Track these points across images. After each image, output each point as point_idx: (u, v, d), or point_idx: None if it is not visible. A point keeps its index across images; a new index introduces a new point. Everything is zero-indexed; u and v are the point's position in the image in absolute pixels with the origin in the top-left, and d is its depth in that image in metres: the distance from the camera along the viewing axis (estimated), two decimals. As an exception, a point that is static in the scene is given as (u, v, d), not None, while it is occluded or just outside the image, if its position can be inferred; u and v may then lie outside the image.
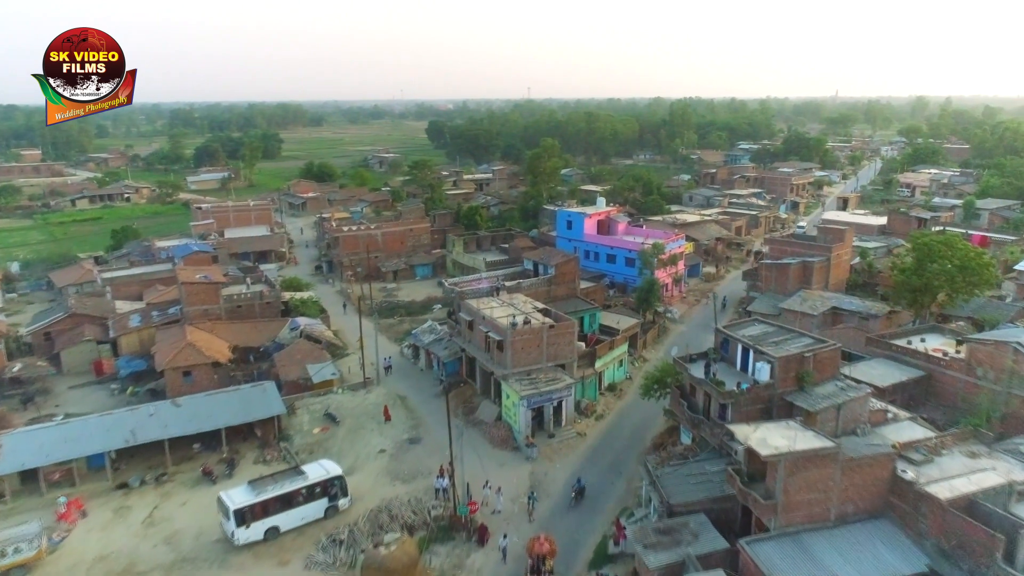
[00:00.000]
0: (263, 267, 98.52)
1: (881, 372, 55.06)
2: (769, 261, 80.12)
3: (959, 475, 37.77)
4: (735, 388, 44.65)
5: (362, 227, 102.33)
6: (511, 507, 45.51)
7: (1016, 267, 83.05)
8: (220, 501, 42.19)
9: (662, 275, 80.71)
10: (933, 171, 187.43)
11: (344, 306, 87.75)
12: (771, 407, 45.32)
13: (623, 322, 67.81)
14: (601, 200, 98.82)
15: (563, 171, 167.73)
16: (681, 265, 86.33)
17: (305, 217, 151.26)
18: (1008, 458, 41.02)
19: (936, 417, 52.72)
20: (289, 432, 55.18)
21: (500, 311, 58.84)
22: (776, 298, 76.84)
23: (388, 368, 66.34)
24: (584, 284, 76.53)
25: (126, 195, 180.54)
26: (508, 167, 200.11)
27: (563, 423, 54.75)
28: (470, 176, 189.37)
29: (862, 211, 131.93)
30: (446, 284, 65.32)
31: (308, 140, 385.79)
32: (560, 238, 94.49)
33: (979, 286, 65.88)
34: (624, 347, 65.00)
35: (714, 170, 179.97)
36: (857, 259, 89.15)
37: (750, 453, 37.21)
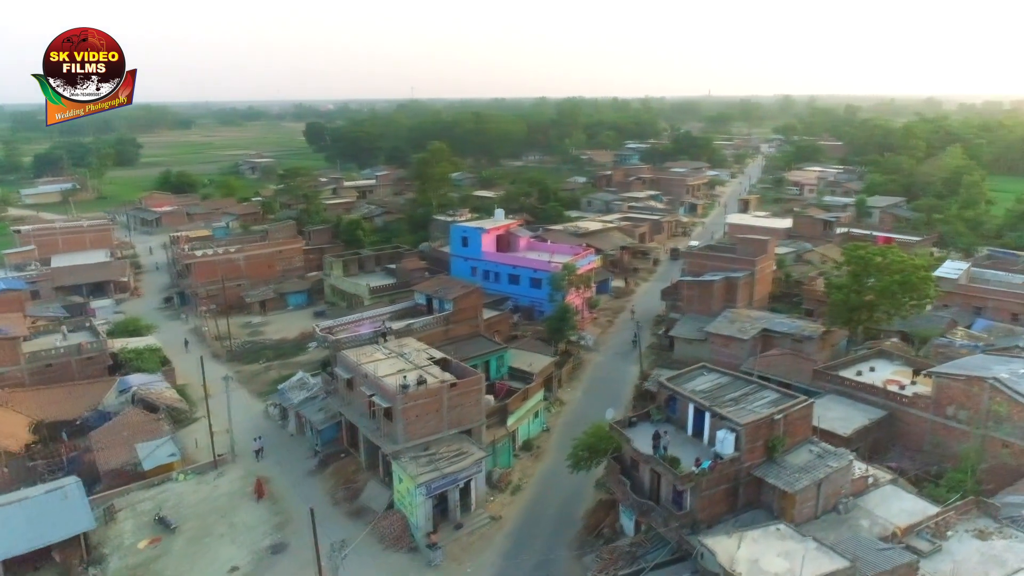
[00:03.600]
0: (96, 304, 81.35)
1: (839, 414, 47.30)
2: (690, 278, 72.09)
3: (991, 579, 29.63)
4: (694, 468, 34.86)
5: (221, 250, 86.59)
6: (411, 648, 33.78)
7: (935, 273, 78.96)
8: None
9: (574, 298, 71.00)
10: (818, 169, 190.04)
11: (185, 343, 72.78)
12: (737, 485, 35.95)
13: (536, 362, 57.25)
14: (499, 212, 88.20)
15: (453, 175, 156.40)
16: (593, 287, 76.92)
17: (161, 235, 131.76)
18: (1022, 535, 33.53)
19: (905, 466, 45.40)
20: (104, 551, 40.73)
21: (387, 365, 46.76)
22: (700, 319, 68.85)
23: (259, 451, 51.47)
24: (486, 312, 65.40)
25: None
26: (394, 171, 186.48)
27: (472, 507, 43.43)
28: (352, 183, 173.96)
29: (763, 213, 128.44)
30: (318, 331, 52.48)
31: (174, 144, 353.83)
32: (455, 257, 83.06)
33: (920, 301, 60.04)
34: (540, 395, 54.46)
35: (609, 172, 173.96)
36: (772, 267, 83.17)
37: (737, 580, 27.38)
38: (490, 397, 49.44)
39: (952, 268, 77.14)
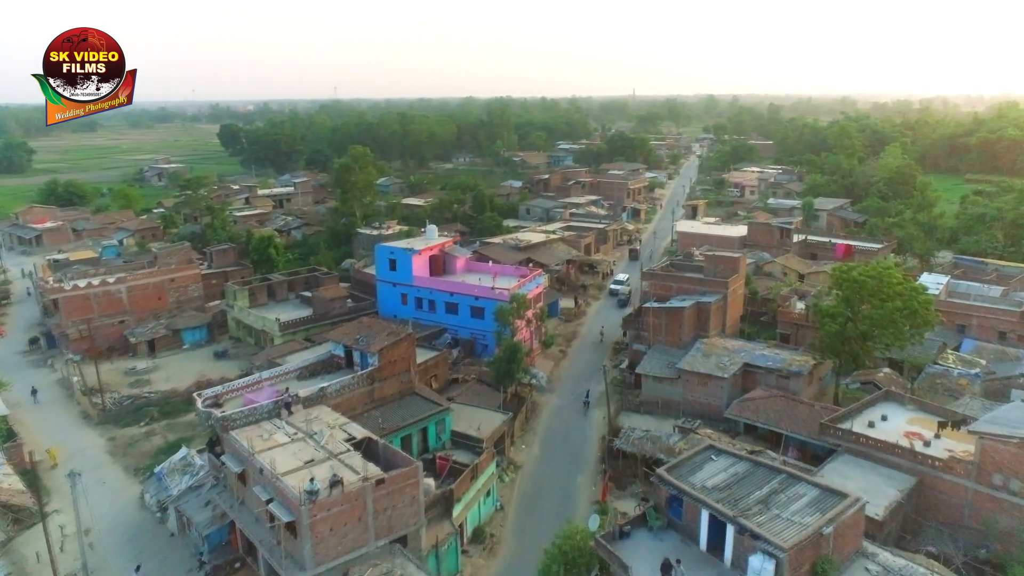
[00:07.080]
0: (-65, 353, 66.09)
1: (861, 484, 38.29)
2: (656, 304, 62.74)
3: None
4: (723, 614, 24.99)
5: (96, 280, 71.91)
6: None
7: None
8: None
9: (524, 333, 60.65)
10: (756, 169, 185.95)
11: (33, 392, 59.94)
12: (777, 628, 26.25)
13: (485, 423, 46.54)
14: (431, 228, 76.90)
15: (379, 180, 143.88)
16: (544, 320, 66.77)
17: (41, 256, 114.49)
18: None
19: (948, 552, 36.91)
20: None
21: (290, 454, 35.18)
22: (669, 352, 59.68)
23: None
24: (419, 353, 53.76)
25: None
26: (314, 178, 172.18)
27: (412, 645, 32.43)
28: (267, 191, 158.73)
29: (712, 219, 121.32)
30: (200, 405, 40.10)
31: (74, 149, 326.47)
32: (382, 282, 71.46)
33: (922, 329, 52.24)
34: (492, 466, 43.74)
35: (546, 176, 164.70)
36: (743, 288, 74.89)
37: None
38: (430, 482, 38.48)
39: (932, 282, 70.38)
